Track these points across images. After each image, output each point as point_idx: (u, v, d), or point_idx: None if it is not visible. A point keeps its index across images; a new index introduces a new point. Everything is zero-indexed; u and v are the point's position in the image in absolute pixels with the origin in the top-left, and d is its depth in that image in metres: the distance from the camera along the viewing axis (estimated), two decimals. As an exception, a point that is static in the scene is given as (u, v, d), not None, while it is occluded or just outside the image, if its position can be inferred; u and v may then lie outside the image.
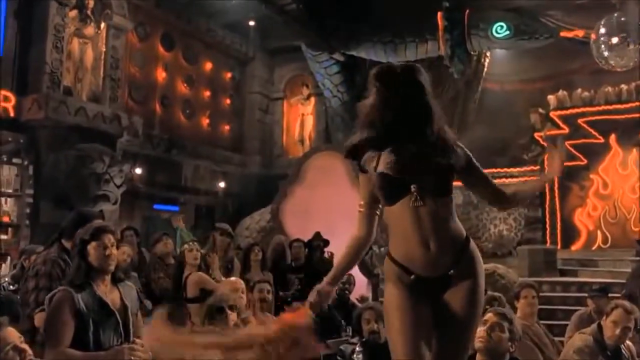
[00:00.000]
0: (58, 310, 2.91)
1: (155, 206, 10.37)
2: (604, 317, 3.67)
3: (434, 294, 2.26)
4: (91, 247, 3.06)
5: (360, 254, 2.43)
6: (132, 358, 2.92)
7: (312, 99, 13.17)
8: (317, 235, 7.38)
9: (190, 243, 5.09)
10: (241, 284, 4.27)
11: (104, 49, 8.73)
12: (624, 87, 11.51)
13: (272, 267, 6.88)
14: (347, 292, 6.41)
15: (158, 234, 6.71)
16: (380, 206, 2.34)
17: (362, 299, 6.69)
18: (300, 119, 13.25)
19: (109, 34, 8.77)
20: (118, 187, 8.15)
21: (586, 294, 9.04)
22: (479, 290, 2.28)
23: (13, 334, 2.54)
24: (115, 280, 3.20)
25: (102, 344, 2.96)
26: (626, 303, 3.62)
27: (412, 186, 2.16)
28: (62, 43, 8.00)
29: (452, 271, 2.22)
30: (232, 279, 4.39)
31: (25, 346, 2.52)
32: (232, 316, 3.58)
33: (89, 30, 8.53)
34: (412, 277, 2.22)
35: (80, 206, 7.73)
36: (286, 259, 7.20)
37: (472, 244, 2.31)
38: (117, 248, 5.57)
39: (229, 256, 5.93)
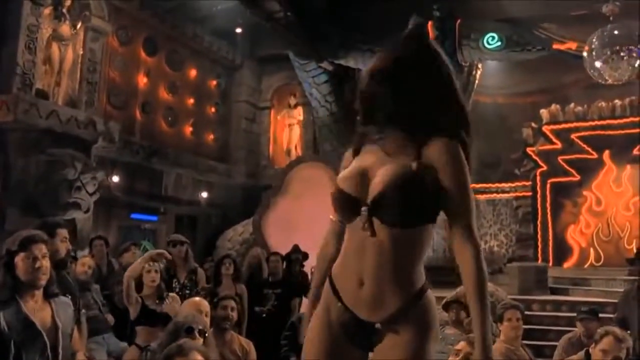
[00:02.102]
0: (-26, 329, 2.57)
1: (133, 215, 10.01)
2: (593, 345, 3.34)
3: (365, 341, 1.77)
4: (19, 259, 2.72)
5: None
6: (57, 386, 2.57)
7: (300, 109, 12.90)
8: (296, 248, 7.06)
9: (151, 263, 4.72)
10: (205, 306, 3.90)
11: (81, 52, 8.43)
12: (617, 102, 11.33)
13: (247, 281, 6.56)
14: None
15: (126, 243, 6.42)
16: None
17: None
18: (287, 128, 12.97)
19: (87, 36, 8.48)
20: (91, 194, 7.81)
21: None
22: (423, 352, 1.70)
23: None
24: (48, 296, 2.86)
25: (24, 368, 2.61)
26: (617, 330, 3.29)
27: (362, 208, 1.66)
28: (35, 44, 7.68)
29: (378, 325, 1.71)
30: (196, 299, 4.00)
31: None
32: (199, 341, 3.19)
33: (64, 29, 8.21)
34: (339, 305, 1.76)
35: (50, 213, 7.40)
36: (262, 273, 6.87)
37: (428, 298, 1.76)
38: (76, 258, 5.28)
39: (191, 266, 5.60)
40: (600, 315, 7.91)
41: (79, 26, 8.33)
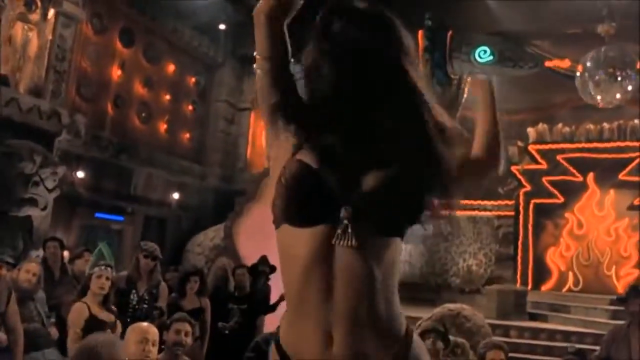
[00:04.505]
0: None
1: (98, 215, 9.46)
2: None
3: None
4: None
5: None
6: None
7: (282, 112, 12.46)
8: (264, 259, 6.61)
9: (103, 267, 4.25)
10: (154, 333, 3.42)
11: (50, 38, 7.89)
12: (606, 125, 11.14)
13: (212, 294, 6.11)
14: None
15: (79, 249, 5.93)
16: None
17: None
18: (265, 132, 12.51)
19: (58, 21, 7.94)
20: (50, 190, 7.26)
21: (556, 343, 8.50)
22: None
23: None
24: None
25: None
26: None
27: (343, 208, 1.18)
28: (-2, 26, 7.15)
29: None
30: (144, 325, 3.52)
31: None
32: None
33: (34, 16, 7.69)
34: None
35: (3, 209, 6.88)
36: (228, 286, 6.42)
37: (418, 344, 1.29)
38: (15, 265, 4.77)
39: (155, 281, 5.14)
40: (579, 346, 7.67)
41: (50, 14, 7.79)
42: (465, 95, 11.33)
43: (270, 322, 6.31)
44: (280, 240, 1.25)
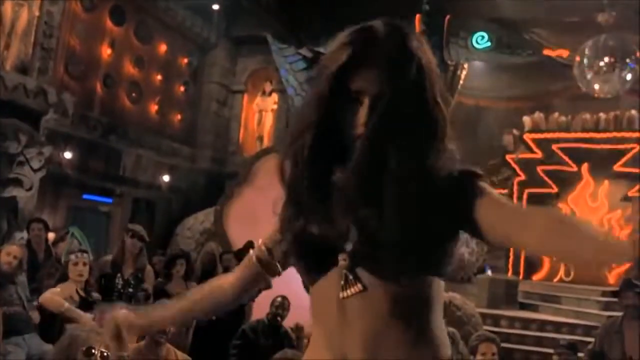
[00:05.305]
0: None
1: (86, 196, 9.29)
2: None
3: None
4: None
5: (214, 308, 1.57)
6: None
7: (275, 96, 12.27)
8: (250, 244, 6.50)
9: (78, 254, 4.13)
10: None
11: (37, 14, 7.66)
12: (602, 115, 11.02)
13: (199, 279, 6.00)
14: (279, 318, 5.51)
15: (62, 231, 5.78)
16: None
17: (298, 328, 5.81)
18: (258, 115, 12.36)
19: (45, -3, 7.72)
20: (35, 171, 7.10)
21: (547, 334, 8.46)
22: None
23: None
24: None
25: None
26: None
27: (340, 256, 1.15)
28: (-18, 0, 6.92)
29: None
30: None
31: None
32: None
33: (23, -11, 7.48)
34: None
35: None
36: (216, 272, 6.31)
37: None
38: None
39: (140, 264, 5.02)
40: (570, 337, 7.63)
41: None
42: (460, 82, 11.18)
43: (258, 310, 6.21)
44: (312, 290, 1.25)
